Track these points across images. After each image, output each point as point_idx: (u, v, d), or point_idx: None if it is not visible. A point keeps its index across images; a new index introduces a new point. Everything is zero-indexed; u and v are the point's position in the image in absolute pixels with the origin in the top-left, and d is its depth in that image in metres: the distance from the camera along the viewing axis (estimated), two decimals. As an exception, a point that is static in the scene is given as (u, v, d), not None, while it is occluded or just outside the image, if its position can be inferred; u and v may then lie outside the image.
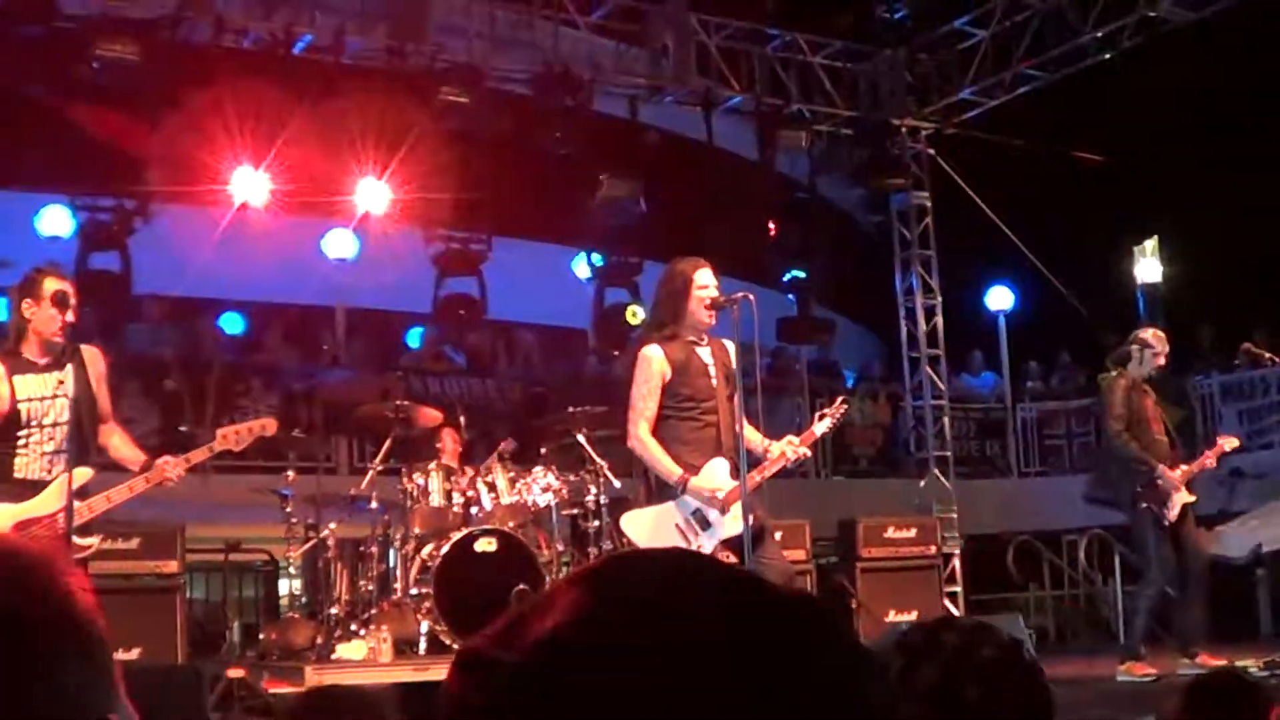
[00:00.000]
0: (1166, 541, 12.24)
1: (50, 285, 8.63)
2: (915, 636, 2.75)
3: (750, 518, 8.59)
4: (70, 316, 8.65)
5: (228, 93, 15.91)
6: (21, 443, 8.55)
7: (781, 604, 1.20)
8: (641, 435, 9.08)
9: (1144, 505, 12.17)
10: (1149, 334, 12.65)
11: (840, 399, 10.03)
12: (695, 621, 1.14)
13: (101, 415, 8.98)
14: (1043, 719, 2.70)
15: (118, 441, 9.08)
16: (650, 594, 1.18)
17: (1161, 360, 12.72)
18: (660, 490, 9.08)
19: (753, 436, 9.17)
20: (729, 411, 9.09)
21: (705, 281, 9.12)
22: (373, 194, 17.08)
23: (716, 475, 8.94)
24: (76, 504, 8.34)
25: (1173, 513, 12.11)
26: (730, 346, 9.36)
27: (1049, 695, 2.74)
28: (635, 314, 17.83)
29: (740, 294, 9.13)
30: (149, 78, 15.27)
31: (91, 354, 8.95)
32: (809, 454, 9.49)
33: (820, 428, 9.53)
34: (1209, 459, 12.63)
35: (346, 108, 16.66)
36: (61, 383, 8.56)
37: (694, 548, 8.64)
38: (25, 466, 8.56)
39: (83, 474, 8.54)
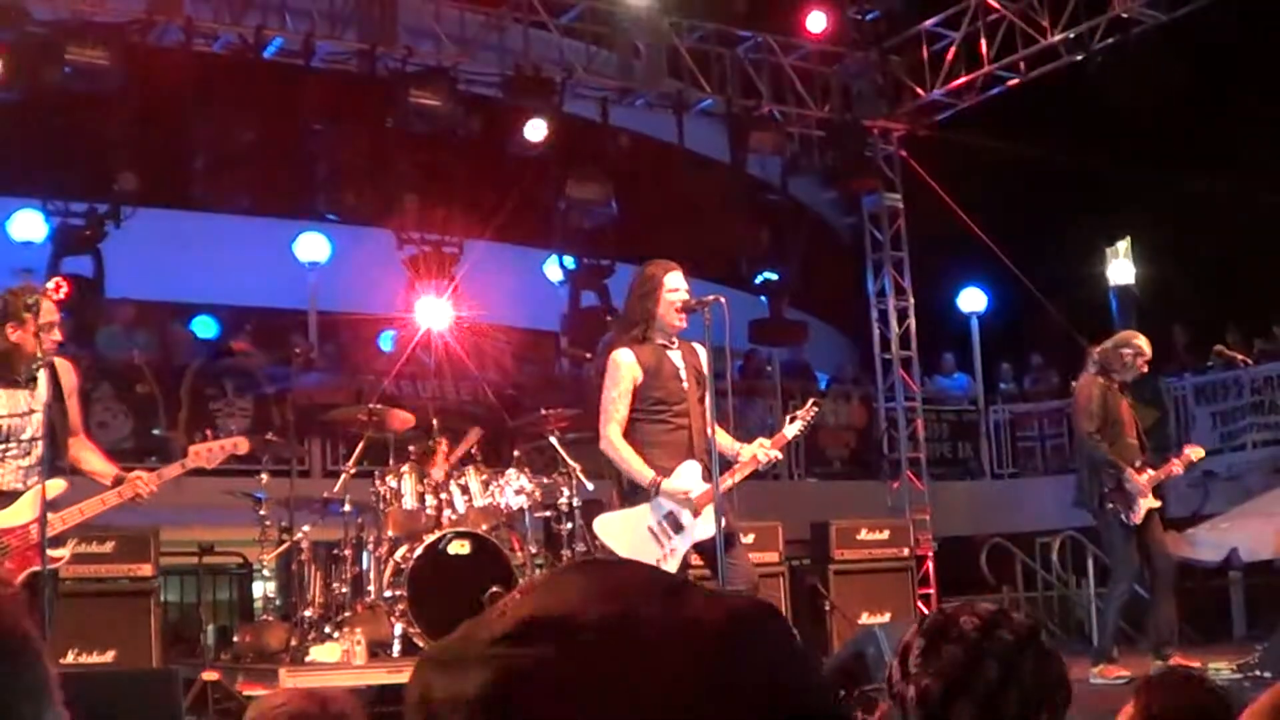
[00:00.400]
0: (1131, 543, 12.27)
1: (43, 309, 8.61)
2: (936, 620, 2.79)
3: (722, 521, 8.62)
4: (58, 335, 8.68)
5: (199, 96, 15.90)
6: (-2, 456, 8.56)
7: (724, 604, 1.22)
8: (612, 438, 9.09)
9: (1110, 506, 12.20)
10: (1138, 342, 12.65)
11: (811, 400, 10.02)
12: (642, 622, 1.16)
13: (72, 428, 8.96)
14: (1060, 698, 2.74)
15: (88, 455, 9.05)
16: (604, 599, 1.20)
17: (1145, 369, 12.77)
18: (632, 493, 9.09)
19: (724, 440, 9.18)
20: (700, 414, 9.10)
21: (675, 285, 9.13)
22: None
23: (688, 478, 8.95)
24: (50, 515, 8.33)
25: (1137, 516, 12.14)
26: (701, 350, 9.38)
27: (1066, 676, 2.78)
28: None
29: (712, 297, 9.13)
30: (120, 82, 15.25)
31: (64, 366, 8.94)
32: (780, 456, 9.50)
33: (791, 430, 9.54)
34: (1176, 467, 12.66)
35: (318, 112, 16.67)
36: (34, 394, 8.56)
37: (667, 550, 8.67)
38: (1, 479, 8.56)
39: (55, 486, 8.52)
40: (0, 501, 8.48)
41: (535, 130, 17.04)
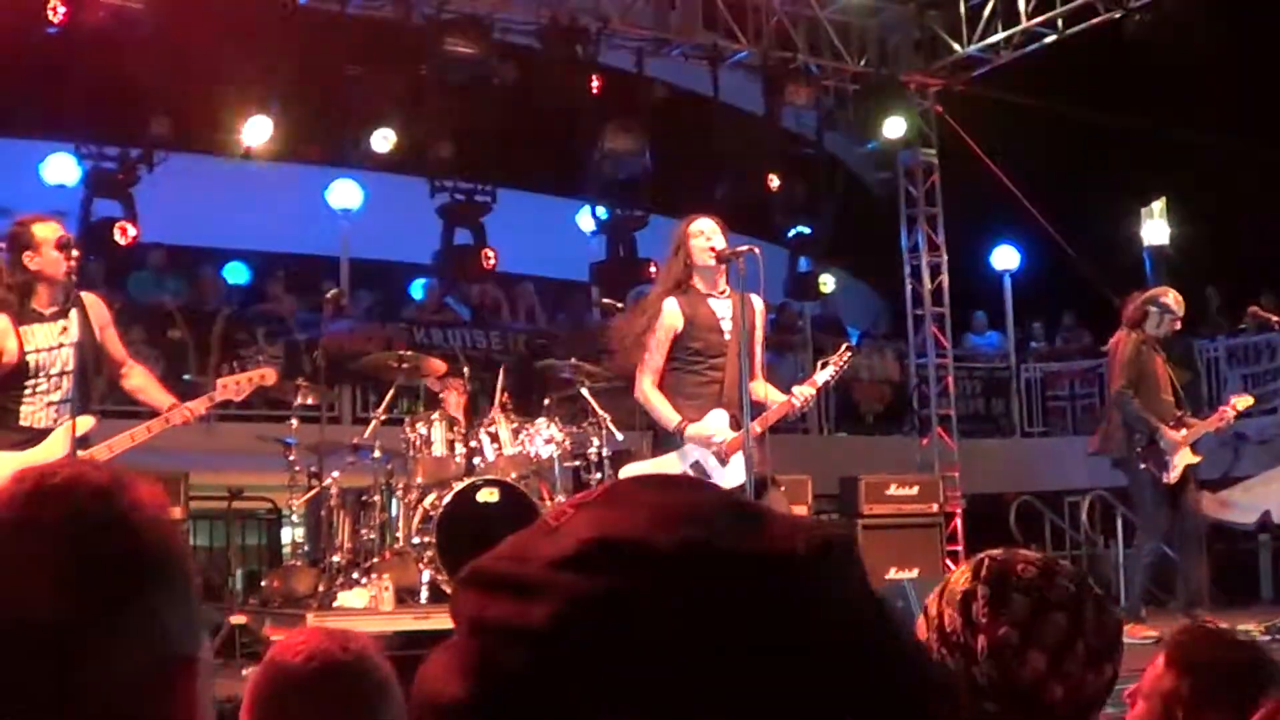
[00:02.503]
0: (1164, 503, 12.24)
1: (43, 231, 8.62)
2: (995, 567, 2.76)
3: (752, 468, 8.60)
4: (74, 258, 8.65)
5: (233, 42, 15.87)
6: (29, 392, 8.55)
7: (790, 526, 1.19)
8: (645, 387, 9.12)
9: (1142, 465, 12.16)
10: (1170, 297, 12.59)
11: (845, 346, 10.00)
12: (723, 550, 1.11)
13: (115, 359, 9.00)
14: (1119, 652, 2.73)
15: (143, 381, 9.09)
16: (663, 508, 1.16)
17: (1178, 324, 12.71)
18: (662, 442, 9.11)
19: (762, 391, 9.18)
20: (738, 367, 9.08)
21: (700, 229, 9.13)
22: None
23: (716, 425, 8.96)
24: (81, 452, 8.34)
25: (1173, 474, 12.09)
26: (758, 302, 9.36)
27: (1122, 629, 2.77)
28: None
29: (746, 247, 9.12)
30: (154, 25, 15.21)
31: (93, 301, 8.95)
32: (812, 395, 9.45)
33: (823, 375, 9.51)
34: (1223, 418, 12.63)
35: (352, 58, 16.64)
36: (65, 330, 8.56)
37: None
38: (31, 415, 8.56)
39: (85, 423, 8.55)
40: (30, 438, 8.49)
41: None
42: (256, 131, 16.54)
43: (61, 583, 1.60)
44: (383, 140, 16.73)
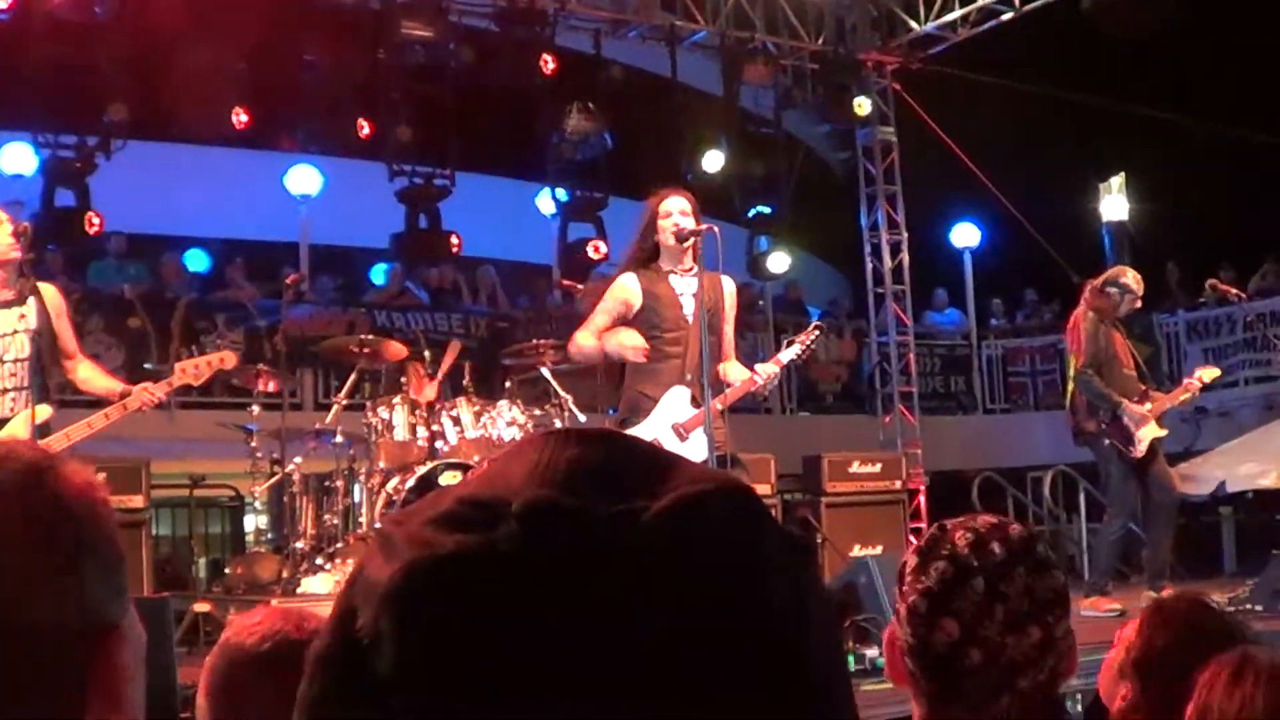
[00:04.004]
0: (1130, 477, 12.28)
1: None
2: (931, 537, 2.81)
3: (713, 446, 8.61)
4: (12, 234, 8.60)
5: (190, 28, 15.81)
6: (-18, 379, 8.53)
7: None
8: (579, 339, 9.09)
9: (1107, 441, 12.20)
10: (1130, 277, 12.61)
11: (814, 325, 10.00)
12: (569, 512, 1.10)
13: (66, 352, 8.95)
14: (1055, 613, 2.74)
15: (89, 374, 9.05)
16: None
17: (1138, 304, 12.76)
18: (625, 424, 9.09)
19: (734, 372, 9.20)
20: (698, 345, 9.07)
21: (669, 209, 9.11)
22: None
23: (675, 403, 8.95)
24: (40, 441, 8.30)
25: (1139, 448, 12.13)
26: (728, 283, 9.36)
27: (1062, 590, 2.78)
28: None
29: (705, 226, 9.12)
30: (110, 12, 15.16)
31: (50, 291, 8.92)
32: (776, 372, 9.45)
33: (788, 354, 9.51)
34: (1193, 388, 12.69)
35: (310, 43, 16.59)
36: (23, 317, 8.52)
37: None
38: (-10, 405, 8.54)
39: (43, 411, 8.52)
40: None
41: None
42: (214, 117, 16.48)
43: None
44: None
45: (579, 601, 1.03)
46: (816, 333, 9.77)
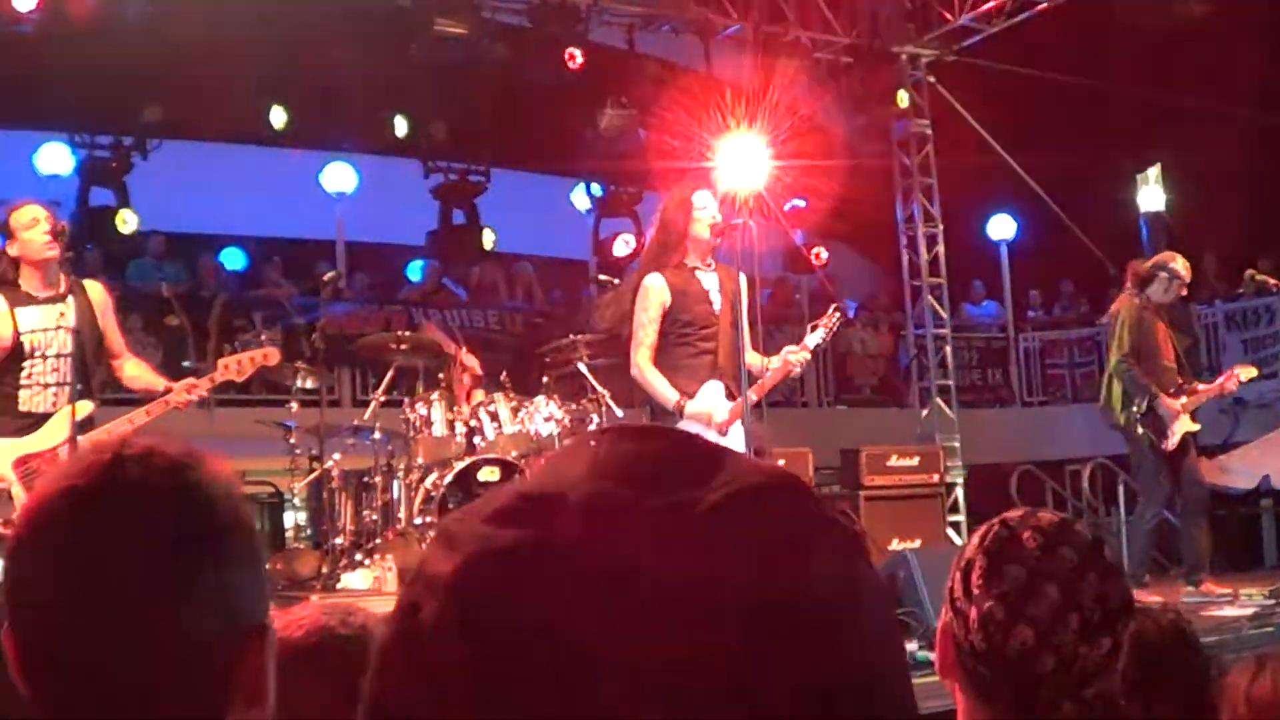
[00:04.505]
0: (1163, 469, 12.25)
1: (17, 217, 8.66)
2: (998, 535, 2.77)
3: (750, 438, 8.62)
4: (47, 232, 8.65)
5: (223, 28, 15.85)
6: (25, 374, 8.57)
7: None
8: (641, 364, 9.12)
9: (1141, 432, 12.17)
10: (1178, 262, 12.56)
11: (834, 307, 9.99)
12: (623, 505, 1.11)
13: (112, 349, 9.00)
14: (1123, 623, 2.72)
15: (136, 371, 9.09)
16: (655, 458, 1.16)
17: (1184, 291, 12.71)
18: (659, 417, 9.11)
19: (754, 360, 9.19)
20: (731, 338, 9.09)
21: (703, 203, 9.12)
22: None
23: (712, 399, 8.96)
24: (80, 437, 8.35)
25: (1172, 441, 12.09)
26: (743, 277, 9.37)
27: (1130, 599, 2.76)
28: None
29: (740, 220, 9.12)
30: (145, 14, 15.20)
31: (94, 287, 8.99)
32: (808, 358, 9.46)
33: (814, 338, 9.52)
34: (1222, 387, 12.63)
35: (344, 41, 16.62)
36: (63, 314, 8.57)
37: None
38: (30, 400, 8.58)
39: (84, 407, 8.55)
40: (34, 424, 8.51)
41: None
42: (249, 116, 16.54)
43: (137, 553, 1.63)
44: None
45: (634, 591, 1.05)
46: (838, 315, 9.78)
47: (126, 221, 17.83)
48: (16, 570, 1.69)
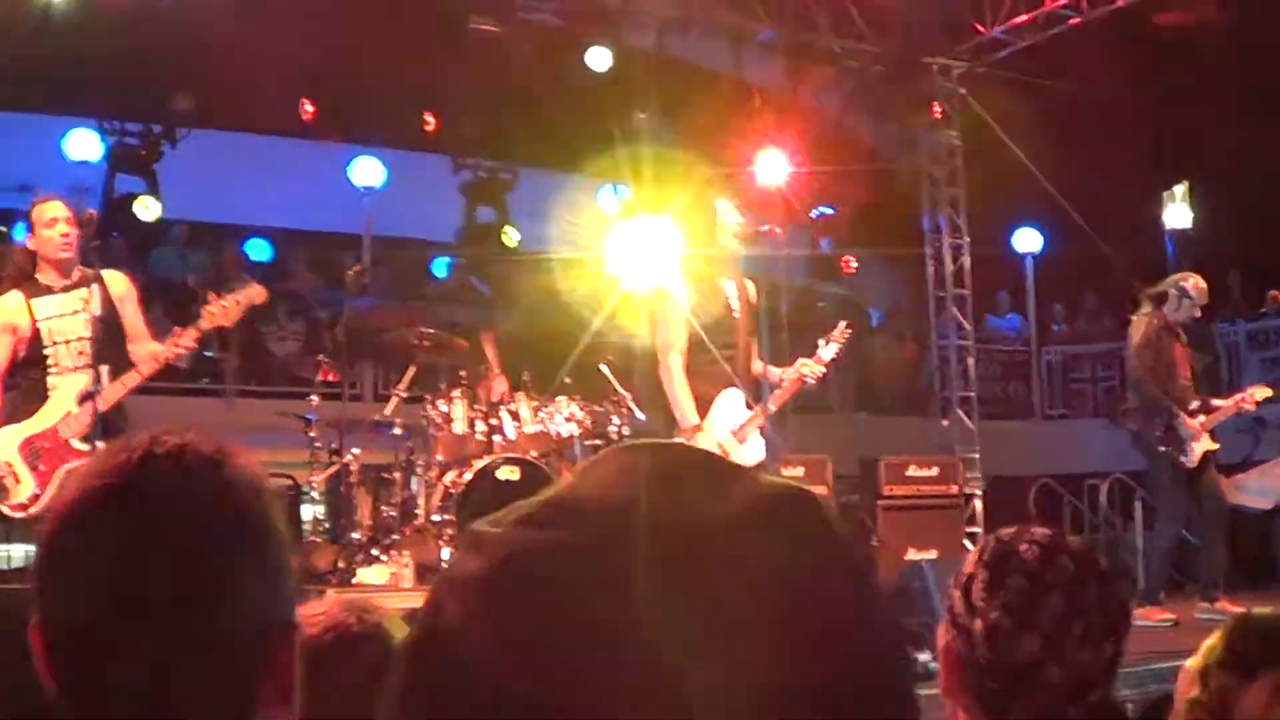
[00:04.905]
0: (1182, 487, 12.26)
1: (37, 213, 8.77)
2: (996, 549, 2.78)
3: (774, 448, 8.65)
4: (65, 234, 8.72)
5: (255, 19, 15.89)
6: (51, 362, 8.67)
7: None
8: (673, 367, 9.14)
9: (1161, 449, 12.17)
10: (1191, 282, 12.57)
11: (843, 323, 10.00)
12: (645, 510, 1.14)
13: (132, 334, 9.04)
14: (1124, 627, 2.74)
15: (142, 353, 9.08)
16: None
17: (1198, 312, 12.70)
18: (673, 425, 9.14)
19: (770, 370, 9.21)
20: (748, 346, 9.12)
21: (728, 210, 9.14)
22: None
23: (730, 406, 8.98)
24: (74, 411, 8.44)
25: (1192, 459, 12.10)
26: (750, 284, 9.38)
27: (1127, 604, 2.77)
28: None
29: (766, 228, 9.14)
30: (177, 2, 15.25)
31: (114, 277, 9.05)
32: (822, 371, 9.50)
33: (828, 352, 9.55)
34: (1246, 404, 12.63)
35: (376, 36, 16.65)
36: (86, 301, 8.63)
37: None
38: (56, 385, 8.66)
39: (80, 380, 8.62)
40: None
41: (598, 59, 16.89)
42: (279, 108, 16.58)
43: (169, 552, 1.64)
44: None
45: (656, 593, 1.08)
46: (848, 330, 9.84)
47: (148, 208, 17.88)
48: (48, 569, 1.70)
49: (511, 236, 18.06)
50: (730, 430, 8.99)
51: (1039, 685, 2.68)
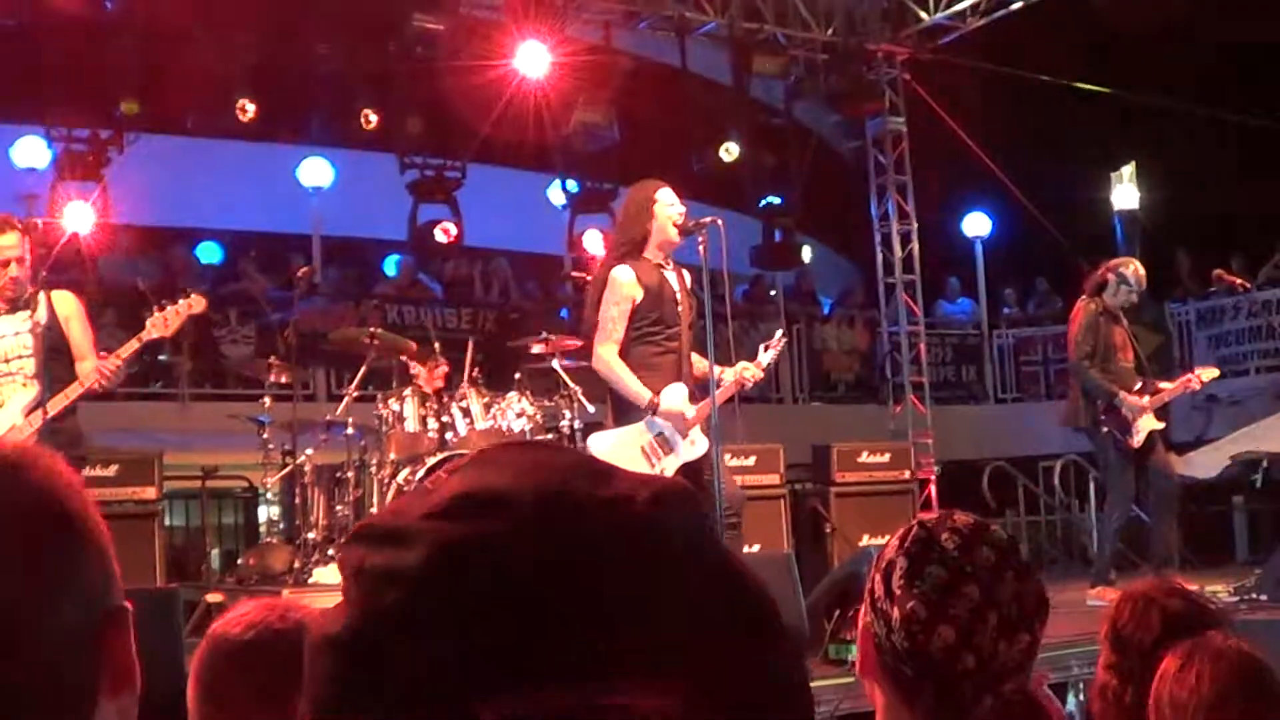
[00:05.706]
0: (1129, 467, 12.35)
1: None
2: (917, 536, 2.81)
3: (709, 441, 8.69)
4: (16, 272, 8.72)
5: (201, 21, 15.85)
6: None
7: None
8: (606, 356, 9.09)
9: (1105, 430, 12.27)
10: (1129, 269, 12.64)
11: (779, 333, 10.01)
12: (576, 497, 1.19)
13: (78, 354, 9.00)
14: (1040, 620, 2.78)
15: (89, 369, 9.07)
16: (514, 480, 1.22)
17: (1135, 297, 12.77)
18: (625, 412, 9.12)
19: (702, 364, 9.21)
20: (689, 340, 9.15)
21: (670, 200, 9.14)
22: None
23: (676, 400, 9.00)
24: (19, 423, 8.44)
25: (1136, 439, 12.19)
26: (686, 274, 9.40)
27: (1044, 597, 2.81)
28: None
29: (709, 219, 9.15)
30: (122, 6, 15.21)
31: (61, 296, 9.03)
32: (761, 376, 9.53)
33: (766, 358, 9.55)
34: (1192, 384, 12.73)
35: (321, 36, 16.61)
36: (31, 318, 8.64)
37: (657, 470, 8.67)
38: (3, 400, 8.65)
39: (25, 395, 8.61)
40: None
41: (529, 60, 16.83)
42: (226, 110, 16.53)
43: (4, 560, 1.66)
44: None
45: (605, 573, 1.13)
46: (784, 340, 9.92)
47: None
48: None
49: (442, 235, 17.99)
50: (673, 423, 9.01)
51: (954, 674, 2.71)
